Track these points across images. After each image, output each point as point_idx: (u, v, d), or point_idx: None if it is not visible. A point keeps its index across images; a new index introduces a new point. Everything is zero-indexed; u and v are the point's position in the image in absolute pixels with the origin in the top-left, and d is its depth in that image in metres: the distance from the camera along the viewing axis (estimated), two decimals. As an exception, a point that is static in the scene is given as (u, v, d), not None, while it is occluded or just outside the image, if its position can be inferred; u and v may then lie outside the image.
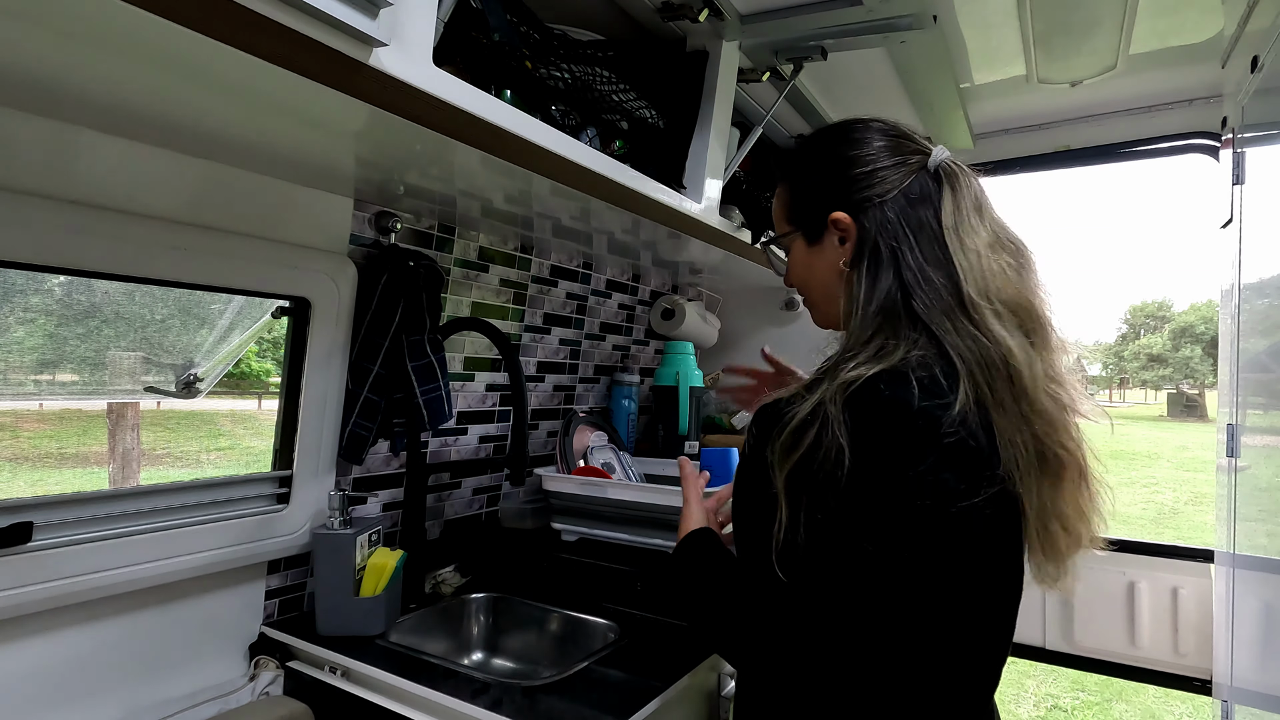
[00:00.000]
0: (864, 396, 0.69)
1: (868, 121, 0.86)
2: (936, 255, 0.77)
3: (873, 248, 0.80)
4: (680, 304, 2.13)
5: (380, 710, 1.08)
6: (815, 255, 0.87)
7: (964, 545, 0.69)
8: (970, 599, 0.71)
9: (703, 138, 1.40)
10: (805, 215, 0.87)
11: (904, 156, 0.82)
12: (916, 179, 0.81)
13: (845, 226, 0.82)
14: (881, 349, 0.74)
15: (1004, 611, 0.76)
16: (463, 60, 0.97)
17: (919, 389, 0.69)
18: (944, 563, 0.68)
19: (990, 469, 0.69)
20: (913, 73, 1.51)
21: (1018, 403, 0.72)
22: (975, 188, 0.81)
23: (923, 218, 0.79)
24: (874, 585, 0.68)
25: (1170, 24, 1.37)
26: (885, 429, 0.68)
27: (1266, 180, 1.29)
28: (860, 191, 0.82)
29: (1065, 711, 4.19)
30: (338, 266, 1.28)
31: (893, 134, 0.85)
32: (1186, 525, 9.44)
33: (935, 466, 0.67)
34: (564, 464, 1.66)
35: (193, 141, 0.99)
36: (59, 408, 3.70)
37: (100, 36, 0.65)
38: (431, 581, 1.46)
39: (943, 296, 0.75)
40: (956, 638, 0.72)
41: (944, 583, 0.69)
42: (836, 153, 0.85)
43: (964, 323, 0.74)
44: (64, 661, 1.03)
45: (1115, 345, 42.42)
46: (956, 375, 0.71)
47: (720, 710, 1.28)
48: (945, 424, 0.68)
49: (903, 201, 0.80)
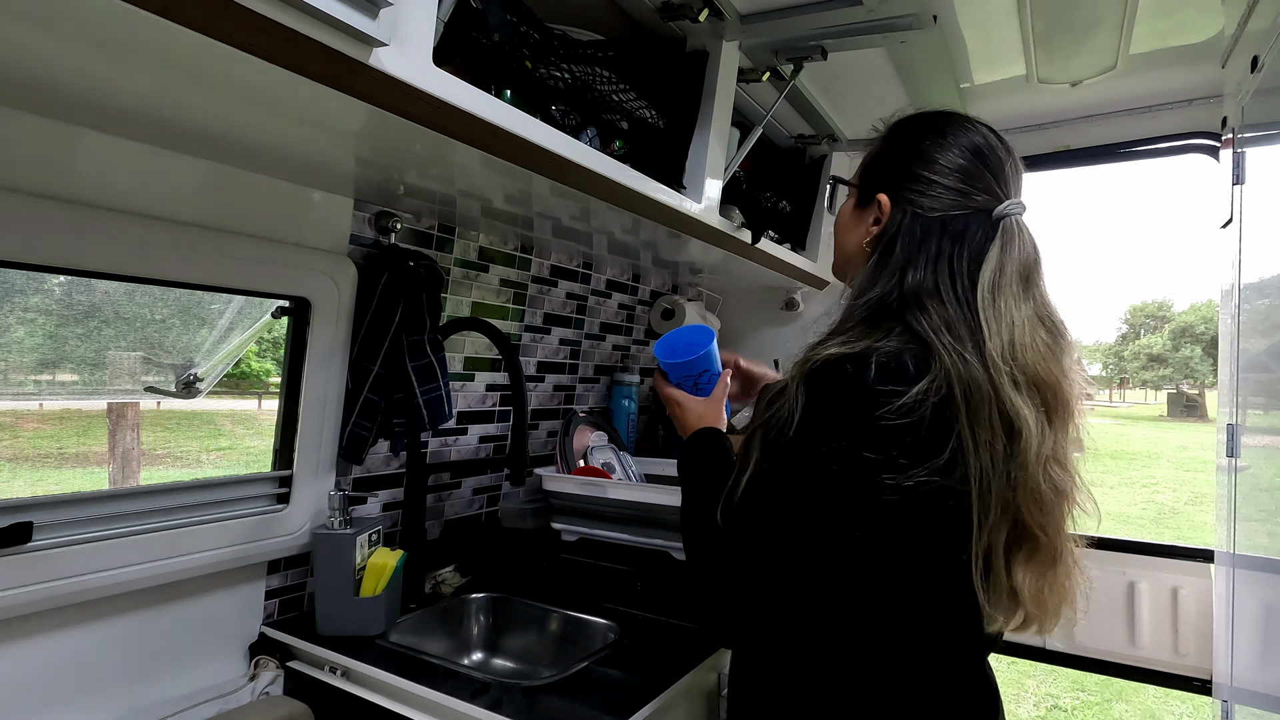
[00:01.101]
0: (822, 371, 0.73)
1: (975, 131, 0.83)
2: (953, 294, 0.76)
3: (889, 245, 0.81)
4: (680, 304, 2.13)
5: (380, 710, 1.08)
6: (855, 219, 0.90)
7: (870, 518, 0.71)
8: (883, 570, 0.73)
9: (703, 138, 1.40)
10: (868, 179, 0.89)
11: (972, 190, 0.80)
12: (969, 216, 0.80)
13: (883, 210, 0.84)
14: (848, 339, 0.76)
15: (941, 594, 0.75)
16: (463, 60, 0.97)
17: (875, 370, 0.71)
18: (844, 531, 0.71)
19: (925, 460, 0.69)
20: (913, 73, 1.51)
21: (1012, 462, 0.71)
22: (1029, 257, 0.78)
23: (949, 252, 0.78)
24: (788, 541, 0.73)
25: (1170, 24, 1.37)
26: (832, 401, 0.72)
27: (1266, 180, 1.29)
28: (910, 191, 0.82)
29: (1065, 711, 4.19)
30: (338, 266, 1.28)
31: (982, 161, 0.82)
32: (1186, 525, 9.44)
33: (861, 443, 0.69)
34: (564, 464, 1.66)
35: (193, 141, 0.99)
36: (59, 408, 3.70)
37: (100, 37, 0.65)
38: (431, 581, 1.46)
39: (937, 324, 0.75)
40: (876, 603, 0.74)
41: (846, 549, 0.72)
42: (921, 142, 0.84)
43: (966, 352, 0.73)
44: (64, 661, 1.03)
45: (1115, 345, 42.42)
46: (927, 368, 0.72)
47: (720, 710, 1.28)
48: (887, 408, 0.69)
49: (937, 227, 0.80)
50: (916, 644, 0.75)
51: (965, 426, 0.71)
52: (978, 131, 0.83)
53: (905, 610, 0.74)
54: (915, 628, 0.75)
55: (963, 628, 0.78)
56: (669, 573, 1.43)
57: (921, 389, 0.70)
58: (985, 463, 0.70)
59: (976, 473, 0.70)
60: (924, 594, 0.75)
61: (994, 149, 0.82)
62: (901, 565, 0.73)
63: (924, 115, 0.88)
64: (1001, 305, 0.75)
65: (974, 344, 0.73)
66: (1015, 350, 0.73)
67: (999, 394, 0.71)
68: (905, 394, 0.69)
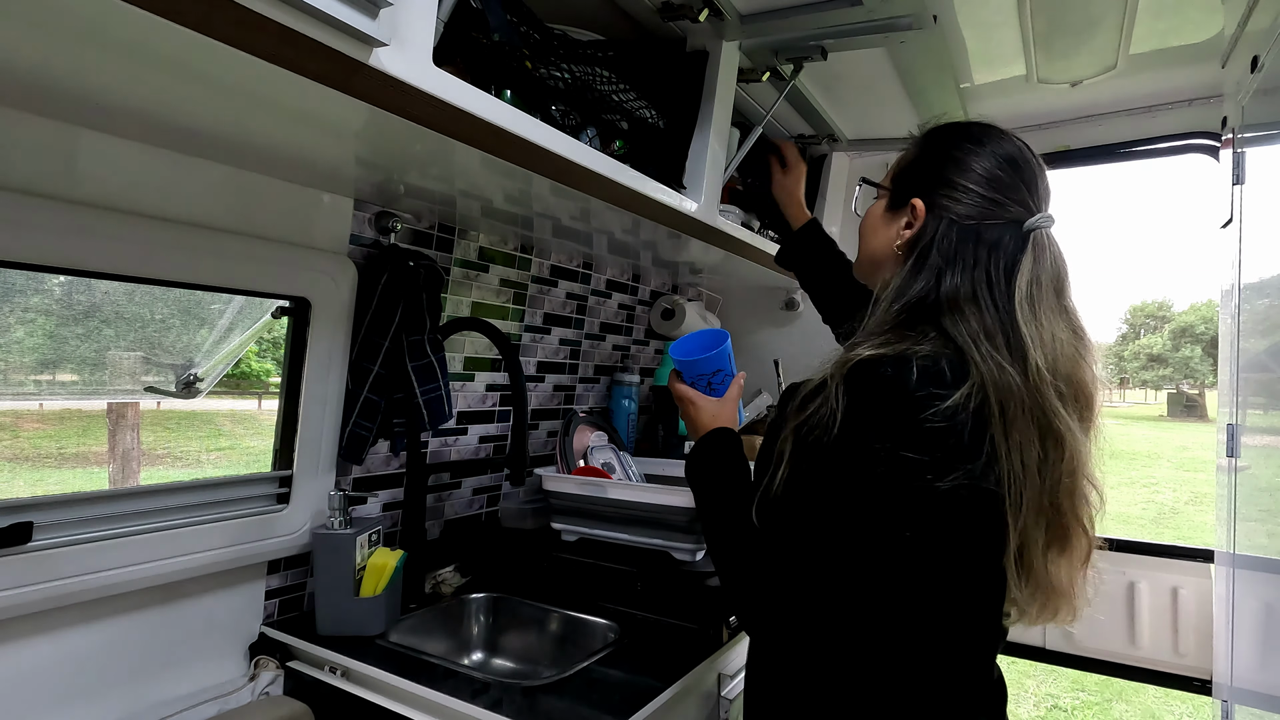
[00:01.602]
0: (862, 372, 0.74)
1: (1010, 143, 0.85)
2: (990, 304, 0.78)
3: (924, 250, 0.82)
4: (680, 304, 2.13)
5: (380, 710, 1.08)
6: (885, 221, 0.90)
7: (915, 519, 0.72)
8: (924, 569, 0.74)
9: (703, 138, 1.40)
10: (901, 182, 0.89)
11: (1005, 199, 0.82)
12: (1002, 227, 0.81)
13: (917, 216, 0.85)
14: (886, 340, 0.77)
15: (974, 592, 0.78)
16: (463, 60, 0.97)
17: (916, 373, 0.72)
18: (891, 531, 0.72)
19: (966, 463, 0.71)
20: (913, 73, 1.51)
21: (1058, 468, 0.74)
22: (1060, 269, 0.81)
23: (982, 259, 0.79)
24: (830, 541, 0.74)
25: (1170, 24, 1.37)
26: (874, 402, 0.72)
27: (1266, 180, 1.29)
28: (945, 197, 0.83)
29: (1065, 711, 4.19)
30: (338, 266, 1.28)
31: (1016, 171, 0.83)
32: (1186, 525, 9.44)
33: (904, 444, 0.70)
34: (564, 464, 1.66)
35: (193, 141, 0.99)
36: (59, 408, 3.70)
37: (100, 37, 0.65)
38: (431, 581, 1.46)
39: (975, 331, 0.76)
40: (913, 601, 0.75)
41: (892, 548, 0.73)
42: (957, 150, 0.85)
43: (1002, 360, 0.74)
44: (64, 661, 1.03)
45: (1115, 345, 42.42)
46: (965, 377, 0.73)
47: (720, 710, 1.28)
48: (931, 410, 0.70)
49: (971, 235, 0.80)
50: (946, 638, 0.77)
51: (999, 432, 0.72)
52: (1012, 143, 0.85)
53: (940, 606, 0.76)
54: (947, 622, 0.77)
55: (987, 622, 0.80)
56: (669, 573, 1.43)
57: (963, 394, 0.71)
58: (1017, 466, 0.72)
59: (1009, 476, 0.72)
60: (959, 590, 0.77)
61: (1028, 161, 0.84)
62: (941, 563, 0.75)
63: (961, 124, 0.90)
64: (1043, 318, 0.77)
65: (1009, 352, 0.75)
66: (1058, 363, 0.76)
67: (1044, 405, 0.73)
68: (947, 398, 0.71)
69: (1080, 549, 0.78)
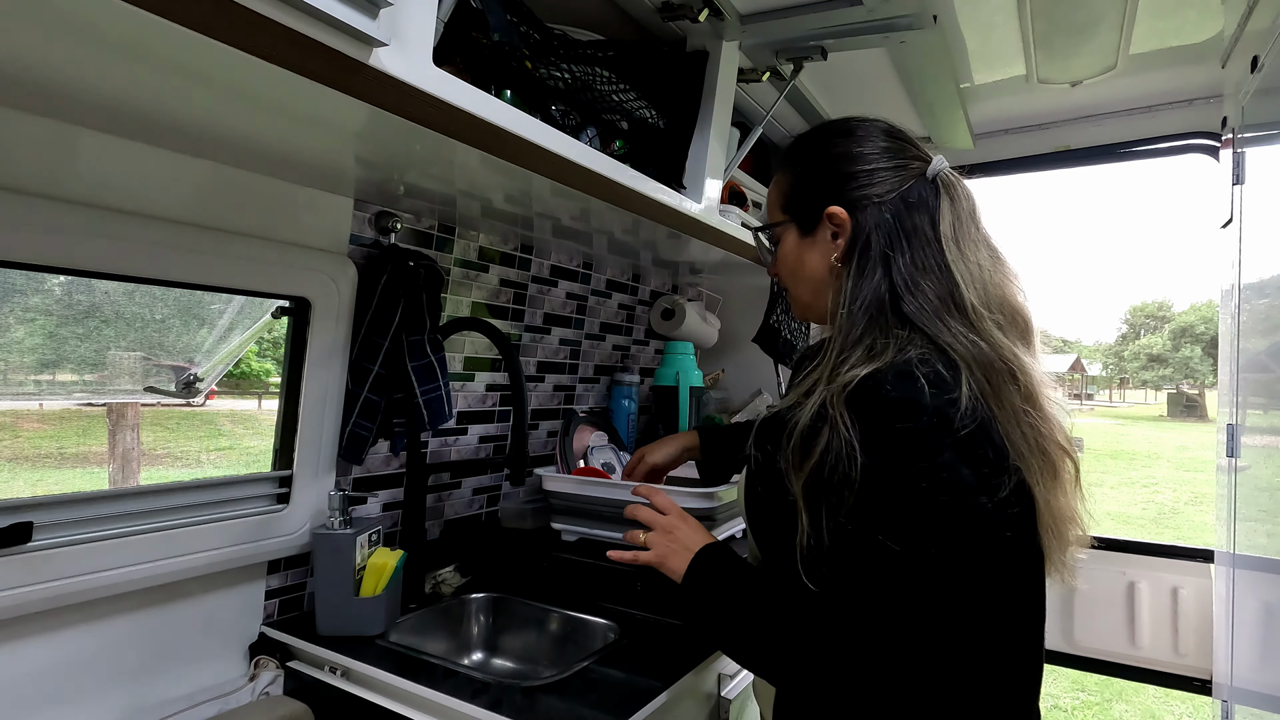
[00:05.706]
0: (866, 395, 0.70)
1: (872, 121, 0.87)
2: (930, 262, 0.78)
3: (864, 246, 0.81)
4: (680, 304, 2.13)
5: (380, 710, 1.08)
6: (807, 247, 0.87)
7: (990, 539, 0.68)
8: (1004, 595, 0.69)
9: (703, 138, 1.40)
10: (802, 206, 0.87)
11: (905, 161, 0.83)
12: (915, 185, 0.82)
13: (841, 222, 0.83)
14: (872, 349, 0.75)
15: (1036, 605, 0.76)
16: (463, 60, 0.97)
17: (926, 385, 0.69)
18: (972, 558, 0.67)
19: (1004, 460, 0.70)
20: (913, 73, 1.51)
21: (1026, 403, 0.73)
22: (972, 199, 0.83)
23: (918, 223, 0.80)
24: (904, 584, 0.66)
25: (1170, 24, 1.37)
26: (895, 427, 0.68)
27: (1266, 180, 1.29)
28: (859, 189, 0.82)
29: (1065, 711, 4.19)
30: (338, 266, 1.28)
31: (895, 137, 0.86)
32: (1186, 525, 9.44)
33: (952, 461, 0.67)
34: (564, 464, 1.66)
35: (193, 141, 0.99)
36: (59, 408, 3.70)
37: (100, 36, 0.65)
38: (431, 581, 1.46)
39: (933, 301, 0.76)
40: (995, 636, 0.68)
41: (975, 578, 0.67)
42: (839, 148, 0.85)
43: (960, 328, 0.74)
44: (64, 661, 1.03)
45: (1115, 345, 42.45)
46: (958, 370, 0.72)
47: (720, 710, 1.28)
48: (957, 419, 0.68)
49: (900, 205, 0.81)
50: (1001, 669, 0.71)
51: (994, 401, 0.72)
52: (871, 120, 0.87)
53: (997, 630, 0.69)
54: (1004, 650, 0.70)
55: (1034, 651, 0.77)
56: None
57: (965, 387, 0.70)
58: (1013, 421, 0.72)
59: (1019, 437, 0.71)
60: (1015, 607, 0.72)
61: (893, 126, 0.87)
62: (1003, 576, 0.70)
63: (817, 129, 0.91)
64: (969, 253, 0.78)
65: (955, 308, 0.75)
66: (988, 290, 0.76)
67: (999, 352, 0.73)
68: (958, 399, 0.69)
69: (1068, 469, 0.76)
